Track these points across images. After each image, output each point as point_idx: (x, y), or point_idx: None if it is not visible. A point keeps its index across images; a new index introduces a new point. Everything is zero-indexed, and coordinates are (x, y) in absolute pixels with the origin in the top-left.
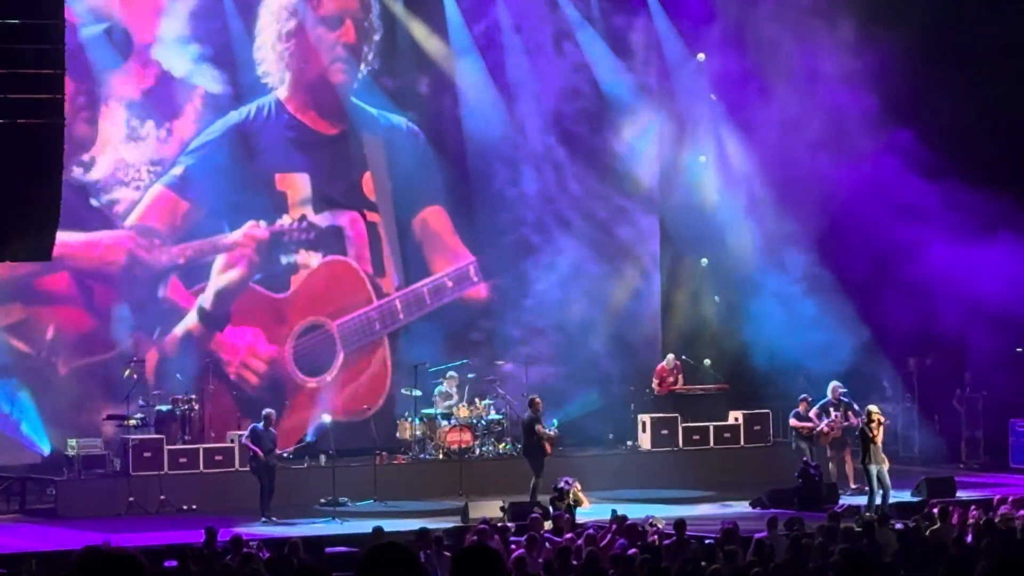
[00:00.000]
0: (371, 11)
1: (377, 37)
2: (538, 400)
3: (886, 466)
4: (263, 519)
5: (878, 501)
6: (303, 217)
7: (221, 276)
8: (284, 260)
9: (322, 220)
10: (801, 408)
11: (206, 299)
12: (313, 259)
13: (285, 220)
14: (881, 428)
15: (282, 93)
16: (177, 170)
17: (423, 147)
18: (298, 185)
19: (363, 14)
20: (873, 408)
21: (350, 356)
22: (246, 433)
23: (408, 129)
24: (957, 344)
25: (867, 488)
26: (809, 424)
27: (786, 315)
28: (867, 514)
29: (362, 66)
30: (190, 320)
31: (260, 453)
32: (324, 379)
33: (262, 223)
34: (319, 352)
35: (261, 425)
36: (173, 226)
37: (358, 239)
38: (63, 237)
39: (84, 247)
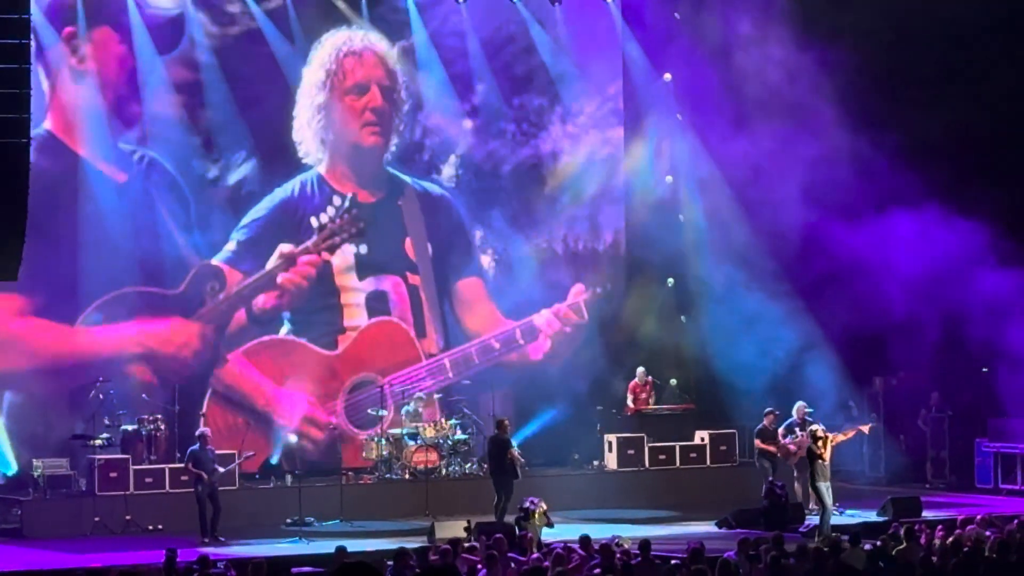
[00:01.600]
0: (398, 82)
1: (406, 108)
2: (507, 422)
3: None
4: (206, 540)
5: (831, 520)
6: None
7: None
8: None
9: (367, 286)
10: (767, 422)
11: None
12: (360, 320)
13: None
14: (828, 445)
15: (322, 168)
16: (230, 245)
17: (456, 214)
18: (343, 253)
19: (390, 82)
20: (816, 427)
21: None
22: (185, 457)
23: (442, 196)
24: (923, 364)
25: (822, 507)
26: (772, 447)
27: (752, 335)
28: (832, 533)
29: (394, 137)
30: None
31: (205, 476)
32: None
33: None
34: (368, 406)
35: (198, 446)
36: (228, 294)
37: (401, 302)
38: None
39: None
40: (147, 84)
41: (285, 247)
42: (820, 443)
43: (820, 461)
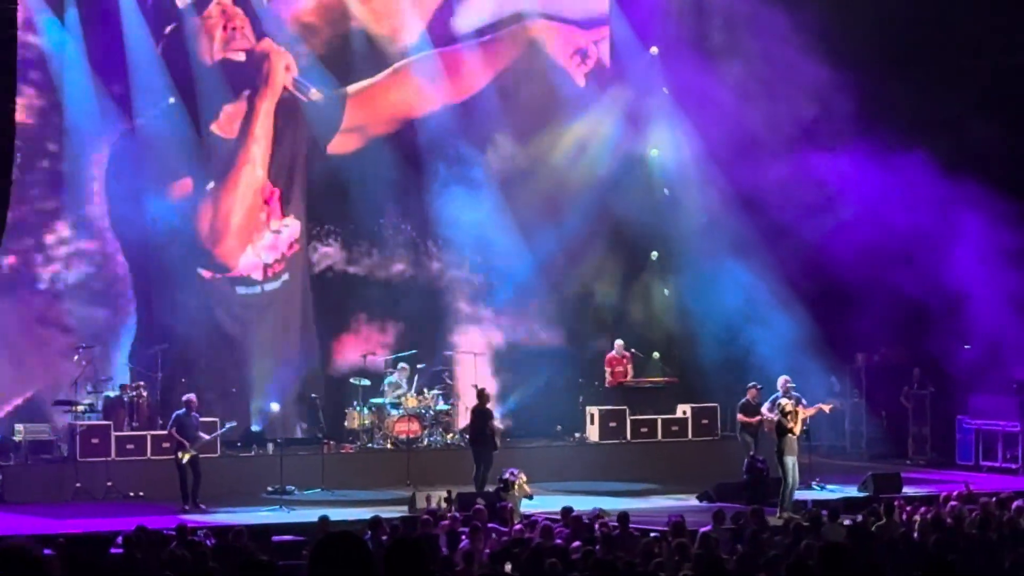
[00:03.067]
0: None
1: None
2: (487, 391)
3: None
4: (186, 508)
5: (794, 494)
6: None
7: None
8: None
9: None
10: (750, 396)
11: None
12: None
13: None
14: (798, 420)
15: None
16: None
17: None
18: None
19: None
20: (784, 400)
21: None
22: (170, 422)
23: None
24: (905, 340)
25: (785, 482)
26: (756, 418)
27: (736, 309)
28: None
29: None
30: None
31: (186, 443)
32: None
33: None
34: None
35: (184, 411)
36: None
37: None
38: None
39: None
40: None
41: None
42: (789, 417)
43: (790, 435)
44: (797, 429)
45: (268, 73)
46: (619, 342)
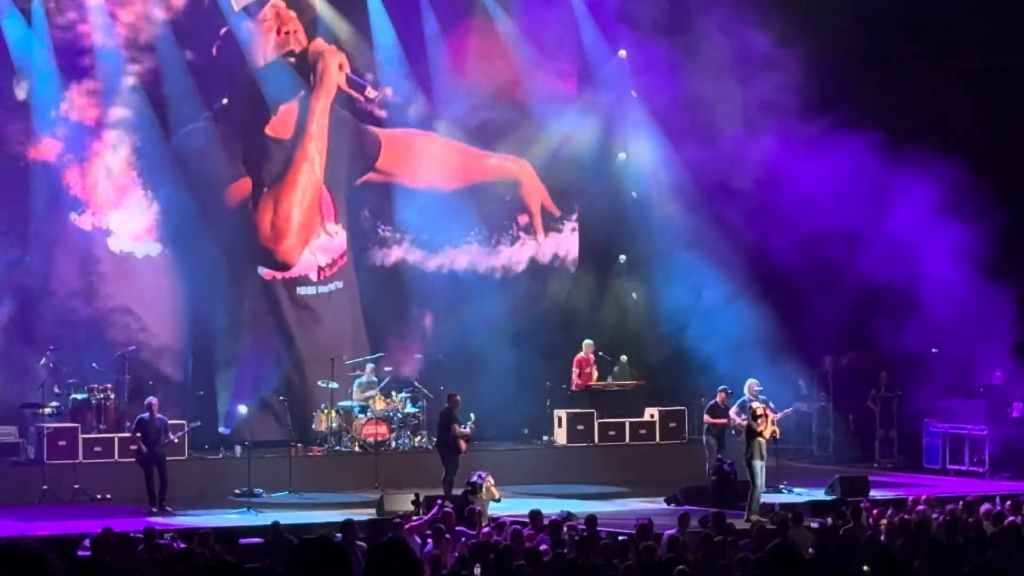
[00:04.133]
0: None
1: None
2: (457, 396)
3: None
4: (153, 510)
5: (761, 497)
6: None
7: None
8: None
9: None
10: (719, 398)
11: None
12: None
13: None
14: (768, 423)
15: None
16: None
17: None
18: None
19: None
20: (756, 405)
21: None
22: (132, 425)
23: None
24: (873, 344)
25: (753, 484)
26: (722, 420)
27: (704, 312)
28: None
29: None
30: None
31: (143, 447)
32: None
33: None
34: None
35: (147, 415)
36: None
37: None
38: None
39: None
40: None
41: None
42: (760, 420)
43: (760, 439)
44: (767, 432)
45: (323, 72)
46: (588, 343)
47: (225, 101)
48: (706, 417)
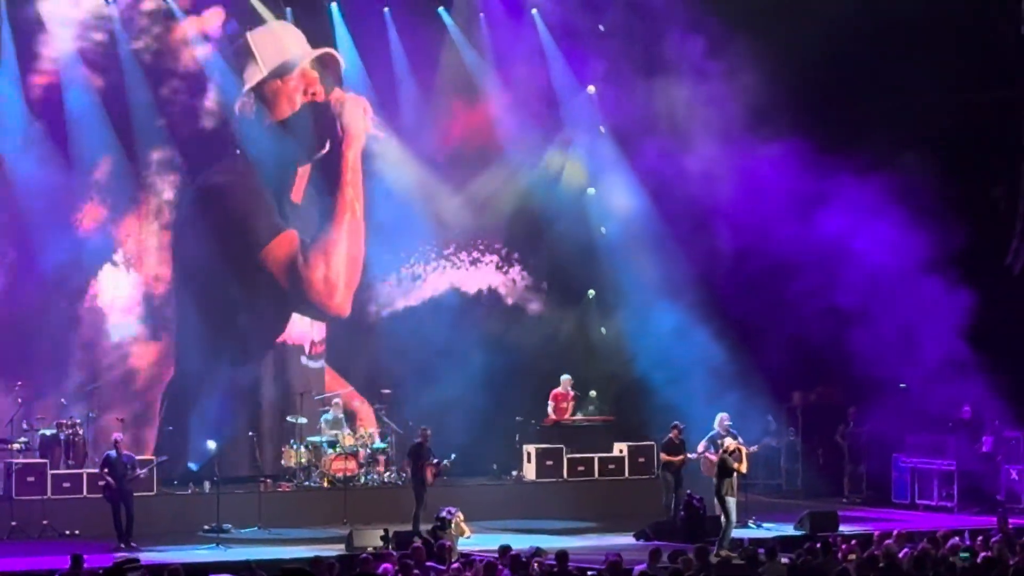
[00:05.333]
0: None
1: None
2: (428, 431)
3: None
4: (121, 546)
5: (731, 533)
6: None
7: None
8: None
9: None
10: (672, 435)
11: None
12: None
13: None
14: (744, 459)
15: None
16: None
17: None
18: None
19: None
20: (729, 441)
21: None
22: (100, 461)
23: None
24: (841, 379)
25: (726, 520)
26: (679, 457)
27: (672, 348)
28: (731, 548)
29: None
30: None
31: (112, 482)
32: None
33: None
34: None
35: (114, 452)
36: None
37: None
38: None
39: None
40: None
41: None
42: (734, 456)
43: (735, 475)
44: (744, 468)
45: (349, 122)
46: (566, 378)
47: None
48: (662, 455)
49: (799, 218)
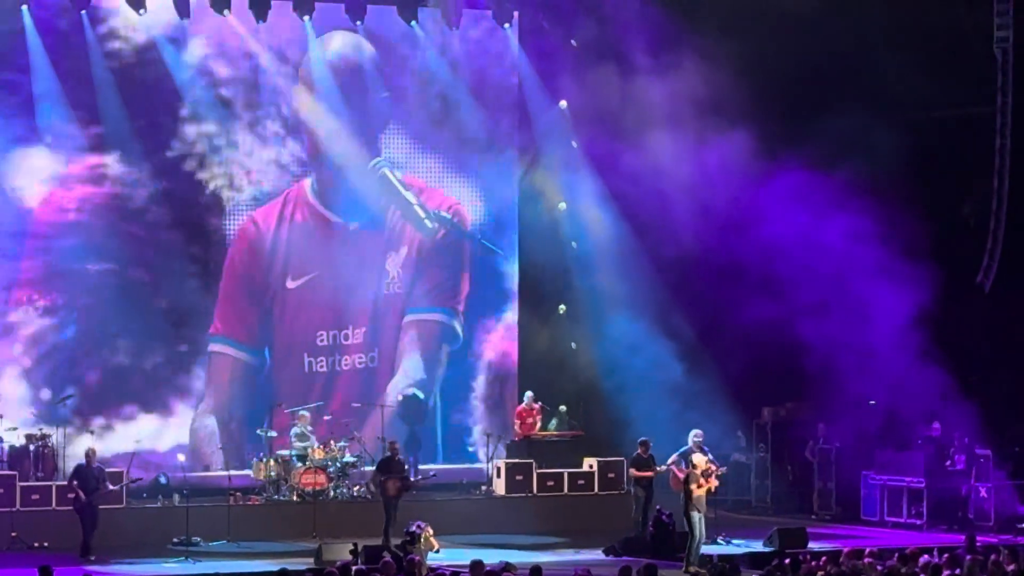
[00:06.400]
0: None
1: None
2: (396, 444)
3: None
4: (92, 558)
5: (700, 549)
6: None
7: None
8: None
9: None
10: (640, 450)
11: None
12: None
13: None
14: (712, 479)
15: None
16: None
17: None
18: None
19: None
20: (700, 458)
21: None
22: (71, 472)
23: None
24: (811, 395)
25: (691, 536)
26: (649, 472)
27: (642, 363)
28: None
29: None
30: None
31: (81, 494)
32: None
33: None
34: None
35: (84, 463)
36: None
37: None
38: None
39: None
40: None
41: None
42: (703, 475)
43: (703, 491)
44: (714, 486)
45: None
46: (529, 394)
47: None
48: (632, 471)
49: (775, 233)
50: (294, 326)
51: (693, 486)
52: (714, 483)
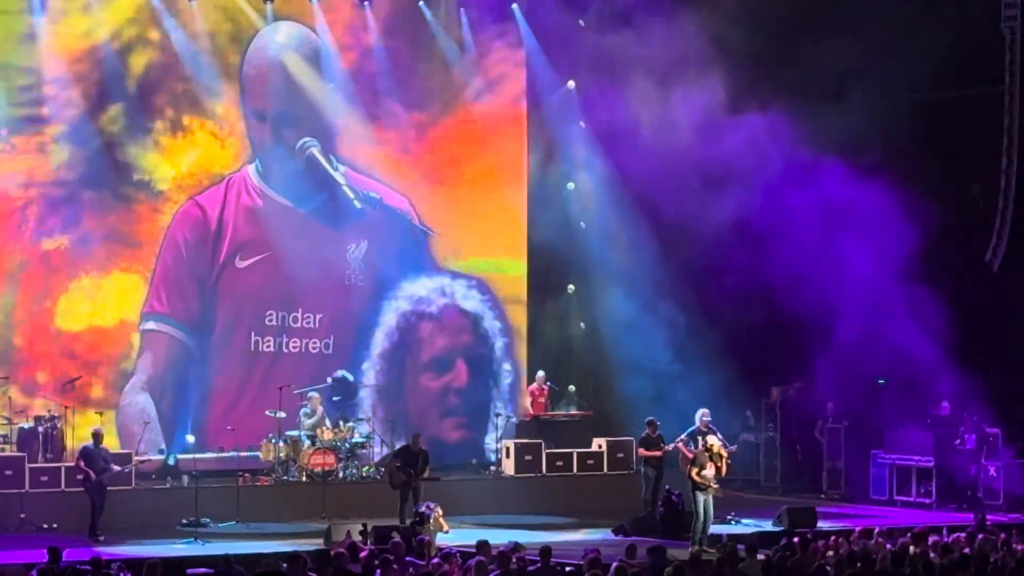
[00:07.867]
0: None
1: None
2: (419, 436)
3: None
4: (101, 538)
5: (708, 529)
6: None
7: None
8: None
9: None
10: (649, 430)
11: None
12: None
13: None
14: (723, 461)
15: None
16: None
17: None
18: None
19: None
20: (712, 439)
21: None
22: (77, 453)
23: None
24: (820, 374)
25: (695, 515)
26: (658, 452)
27: (651, 343)
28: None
29: None
30: None
31: (92, 474)
32: None
33: None
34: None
35: (92, 444)
36: None
37: None
38: None
39: None
40: None
41: None
42: (715, 457)
43: (711, 470)
44: (723, 469)
45: None
46: (540, 374)
47: None
48: (640, 450)
49: (780, 213)
50: (242, 304)
51: (700, 467)
52: (724, 465)
